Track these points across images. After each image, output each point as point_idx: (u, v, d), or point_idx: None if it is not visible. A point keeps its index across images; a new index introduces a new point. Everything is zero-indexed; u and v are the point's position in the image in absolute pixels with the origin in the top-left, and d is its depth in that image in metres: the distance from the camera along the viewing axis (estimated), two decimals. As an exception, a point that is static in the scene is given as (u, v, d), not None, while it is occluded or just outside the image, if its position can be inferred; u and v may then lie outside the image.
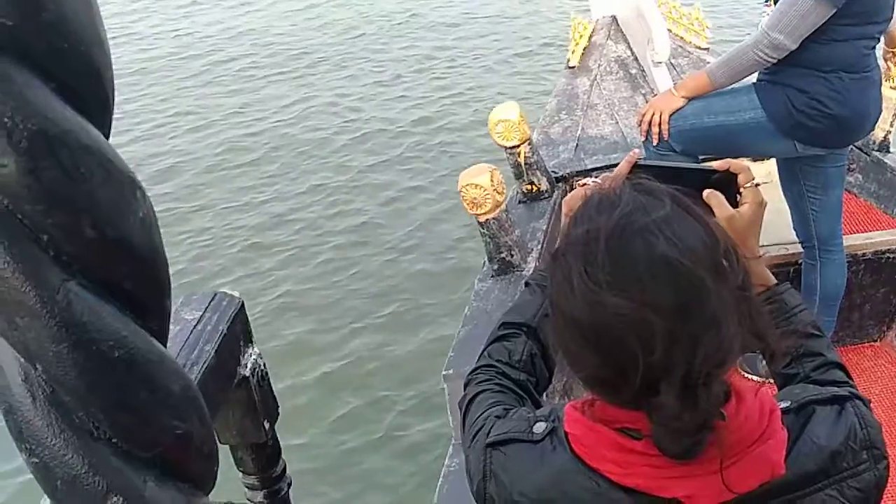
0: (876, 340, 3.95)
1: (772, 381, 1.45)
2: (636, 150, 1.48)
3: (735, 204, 1.37)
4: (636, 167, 1.42)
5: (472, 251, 5.70)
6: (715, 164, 1.41)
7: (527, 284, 1.56)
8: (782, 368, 1.40)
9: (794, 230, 3.51)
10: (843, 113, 3.03)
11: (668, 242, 1.02)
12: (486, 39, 10.51)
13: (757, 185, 1.39)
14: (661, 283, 1.01)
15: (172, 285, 0.94)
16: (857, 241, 3.69)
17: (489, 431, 1.25)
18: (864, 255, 3.69)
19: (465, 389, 1.43)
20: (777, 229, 3.73)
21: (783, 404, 1.18)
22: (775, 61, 2.97)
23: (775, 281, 1.43)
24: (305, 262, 6.36)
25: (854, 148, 4.07)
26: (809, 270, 3.49)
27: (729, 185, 1.37)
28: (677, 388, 1.01)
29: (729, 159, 1.43)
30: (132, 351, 0.86)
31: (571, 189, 2.19)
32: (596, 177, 1.39)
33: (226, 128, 8.77)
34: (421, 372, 4.87)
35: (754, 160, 4.09)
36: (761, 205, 1.39)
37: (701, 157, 3.39)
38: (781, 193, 3.52)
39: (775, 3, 2.99)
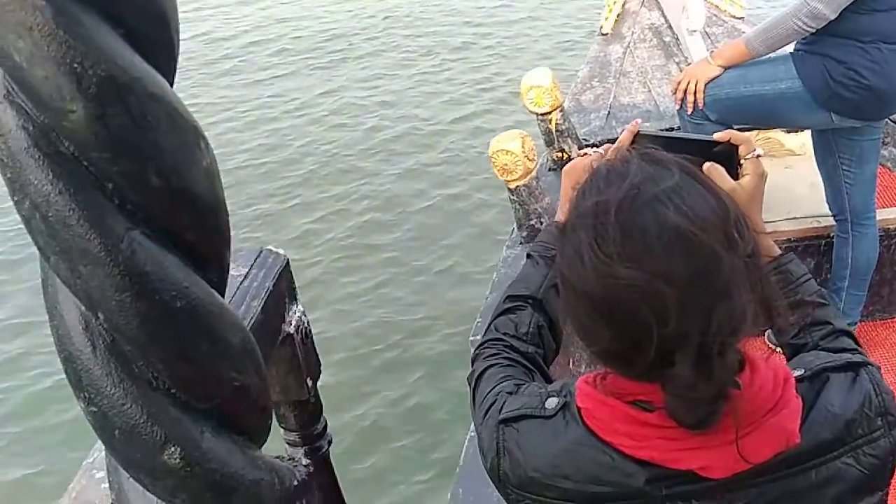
0: (905, 316, 3.92)
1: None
2: (637, 121, 1.47)
3: (736, 176, 1.36)
4: (637, 137, 1.41)
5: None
6: (717, 136, 1.39)
7: (529, 256, 1.54)
8: (790, 338, 1.39)
9: (827, 203, 3.48)
10: (881, 84, 2.99)
11: (679, 212, 1.02)
12: (524, 25, 10.03)
13: (758, 156, 1.37)
14: (672, 253, 1.00)
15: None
16: (890, 215, 3.65)
17: (501, 408, 1.24)
18: None
19: (472, 365, 1.42)
20: (810, 202, 3.70)
21: (797, 372, 1.17)
22: (814, 31, 2.94)
23: (780, 251, 1.42)
24: (341, 271, 6.05)
25: (889, 122, 4.02)
26: (841, 244, 3.46)
27: (730, 157, 1.36)
28: (692, 358, 1.00)
29: (730, 130, 1.41)
30: (194, 302, 0.86)
31: None
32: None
33: (254, 122, 8.28)
34: (456, 339, 4.82)
35: (788, 132, 4.07)
36: (762, 177, 1.36)
37: (736, 128, 3.36)
38: (815, 166, 3.49)
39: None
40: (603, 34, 4.58)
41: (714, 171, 1.30)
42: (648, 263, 1.00)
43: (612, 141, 1.45)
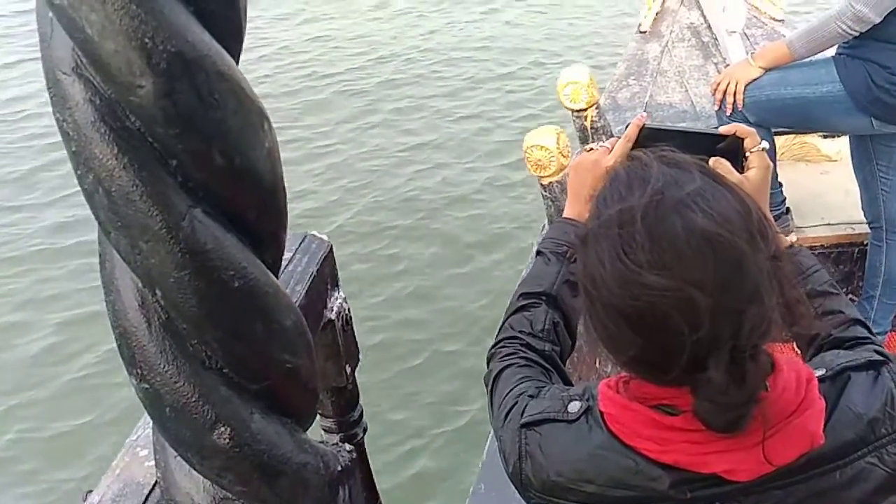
0: (937, 326, 3.89)
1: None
2: (643, 114, 1.46)
3: (742, 169, 1.35)
4: (643, 130, 1.41)
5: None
6: (722, 129, 1.38)
7: (540, 253, 1.52)
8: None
9: (863, 210, 3.45)
10: (923, 91, 2.97)
11: (705, 215, 1.00)
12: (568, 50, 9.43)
13: (764, 149, 1.36)
14: (702, 257, 0.99)
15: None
16: None
17: (523, 411, 1.23)
18: None
19: (488, 365, 1.40)
20: (844, 209, 3.68)
21: (818, 372, 1.16)
22: (857, 34, 2.91)
23: (788, 242, 1.40)
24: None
25: (928, 130, 3.99)
26: (875, 252, 3.43)
27: (735, 151, 1.36)
28: (725, 362, 0.99)
29: (735, 124, 1.40)
30: (251, 282, 0.86)
31: None
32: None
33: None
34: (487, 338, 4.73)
35: (825, 137, 4.03)
36: (768, 168, 1.36)
37: (774, 130, 3.35)
38: (851, 172, 3.46)
39: (859, -23, 2.92)
40: (641, 32, 4.55)
41: (720, 164, 1.30)
42: (679, 270, 0.98)
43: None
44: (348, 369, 1.48)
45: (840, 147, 3.93)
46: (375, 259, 5.72)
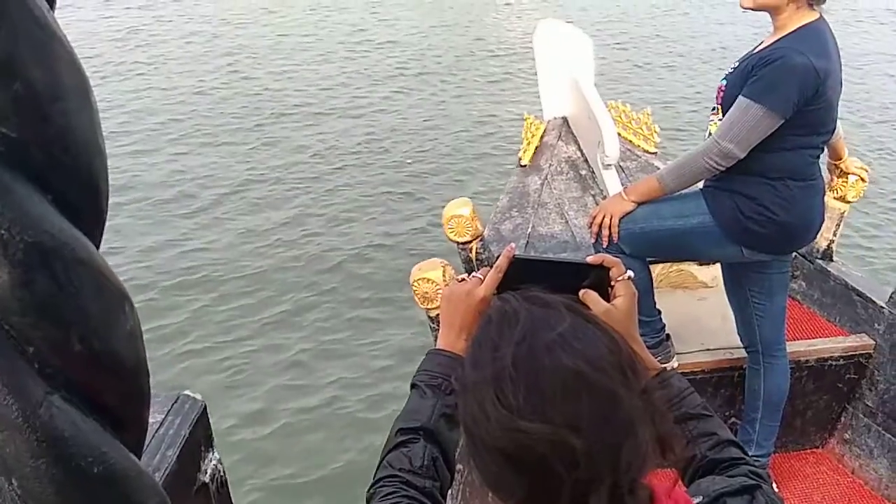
0: (818, 447, 4.00)
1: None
2: (511, 245, 1.50)
3: (608, 297, 1.40)
4: (514, 261, 1.44)
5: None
6: (589, 259, 1.43)
7: (414, 386, 1.53)
8: None
9: (739, 335, 3.57)
10: (789, 219, 3.12)
11: (576, 355, 1.03)
12: (447, 145, 10.08)
13: (629, 277, 1.42)
14: (575, 398, 1.01)
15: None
16: (800, 347, 3.76)
17: None
18: (807, 361, 3.75)
19: None
20: (722, 334, 3.79)
21: (695, 500, 1.20)
22: (724, 169, 3.05)
23: (662, 367, 1.45)
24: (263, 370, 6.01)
25: (798, 255, 4.17)
26: (753, 375, 3.54)
27: (602, 280, 1.41)
28: (605, 499, 1.01)
29: (602, 254, 1.46)
30: (111, 467, 0.84)
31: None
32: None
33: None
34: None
35: (700, 265, 4.18)
36: (634, 296, 1.41)
37: (649, 260, 3.45)
38: (726, 299, 3.58)
39: (723, 113, 3.09)
40: (522, 165, 4.69)
41: (588, 296, 1.35)
42: (552, 413, 1.01)
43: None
44: (224, 532, 1.44)
45: (716, 274, 4.08)
46: (252, 417, 5.62)
